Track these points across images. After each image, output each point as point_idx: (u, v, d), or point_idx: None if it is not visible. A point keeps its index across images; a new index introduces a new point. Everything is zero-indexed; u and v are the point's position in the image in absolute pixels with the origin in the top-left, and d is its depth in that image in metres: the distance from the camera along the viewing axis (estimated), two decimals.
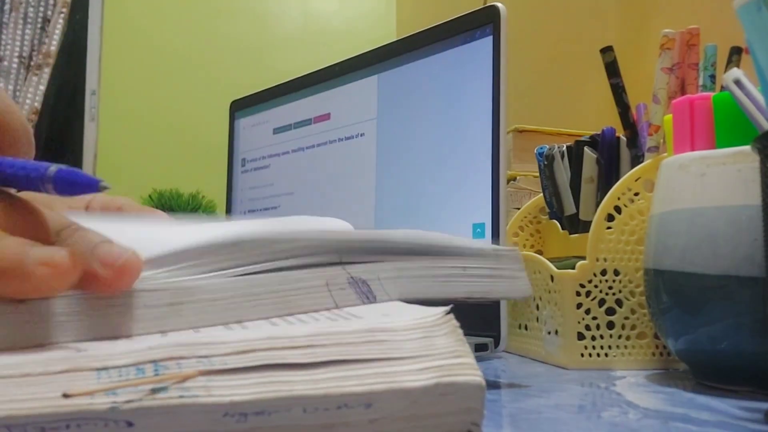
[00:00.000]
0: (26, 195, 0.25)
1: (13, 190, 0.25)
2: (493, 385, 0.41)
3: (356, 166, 0.71)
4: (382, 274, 0.30)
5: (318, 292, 0.28)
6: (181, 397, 0.18)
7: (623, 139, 0.57)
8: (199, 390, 0.19)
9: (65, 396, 0.18)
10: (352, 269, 0.29)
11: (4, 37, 1.99)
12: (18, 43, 1.99)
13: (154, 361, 0.19)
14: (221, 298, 0.26)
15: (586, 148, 0.58)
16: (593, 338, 0.49)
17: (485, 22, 0.59)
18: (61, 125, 2.10)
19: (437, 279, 0.31)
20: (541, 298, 0.54)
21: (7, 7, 1.99)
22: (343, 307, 0.27)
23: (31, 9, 2.00)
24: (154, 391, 0.18)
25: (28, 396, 0.18)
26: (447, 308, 0.22)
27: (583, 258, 0.50)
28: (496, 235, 0.56)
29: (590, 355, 0.49)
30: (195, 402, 0.18)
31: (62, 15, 1.99)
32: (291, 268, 0.27)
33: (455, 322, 0.22)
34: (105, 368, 0.19)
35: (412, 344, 0.21)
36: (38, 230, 0.24)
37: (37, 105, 2.00)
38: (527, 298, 0.35)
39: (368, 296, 0.28)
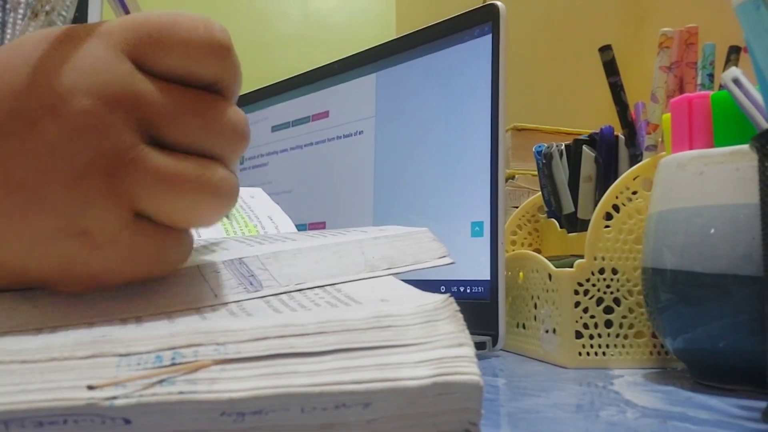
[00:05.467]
0: None
1: None
2: (490, 384, 0.41)
3: (354, 163, 0.71)
4: (261, 255, 0.30)
5: (186, 274, 0.28)
6: (180, 393, 0.18)
7: (622, 137, 0.57)
8: (203, 384, 0.19)
9: (90, 388, 0.18)
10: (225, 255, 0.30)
11: (2, 36, 1.99)
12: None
13: (173, 348, 0.20)
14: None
15: (584, 147, 0.58)
16: (591, 337, 0.49)
17: (484, 20, 0.59)
18: None
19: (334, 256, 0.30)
20: (539, 297, 0.54)
21: (8, 6, 2.00)
22: (226, 296, 0.26)
23: (30, 11, 2.01)
24: (161, 383, 0.19)
25: (42, 386, 0.18)
26: (448, 294, 0.23)
27: (582, 257, 0.50)
28: (494, 234, 0.56)
29: (588, 353, 0.49)
30: (193, 398, 0.19)
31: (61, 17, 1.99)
32: None
33: (456, 306, 0.22)
34: (127, 354, 0.20)
35: (415, 330, 0.21)
36: None
37: None
38: (444, 260, 0.31)
39: (251, 281, 0.28)
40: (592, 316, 0.49)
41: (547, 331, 0.52)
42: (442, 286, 0.59)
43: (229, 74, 0.26)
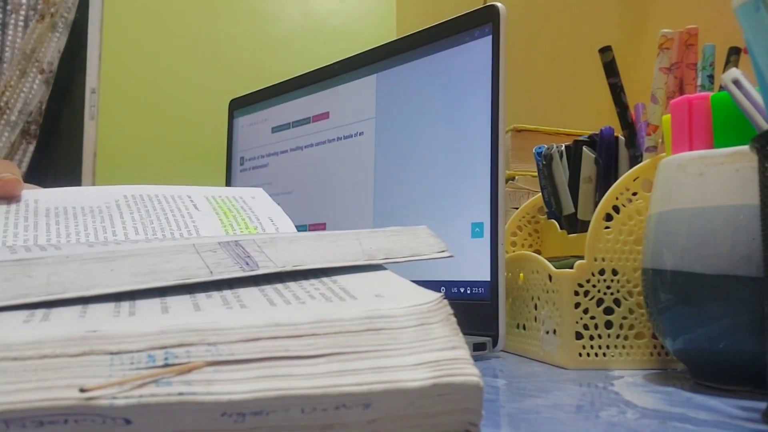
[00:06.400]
0: None
1: None
2: (491, 384, 0.41)
3: (355, 165, 0.71)
4: (258, 239, 0.30)
5: (183, 252, 0.28)
6: (180, 394, 0.18)
7: (622, 138, 0.57)
8: (199, 385, 0.19)
9: (82, 391, 0.18)
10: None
11: (3, 37, 1.99)
12: (19, 43, 1.99)
13: (164, 348, 0.20)
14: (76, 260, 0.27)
15: (584, 148, 0.58)
16: (591, 338, 0.49)
17: (485, 21, 0.60)
18: (62, 123, 2.10)
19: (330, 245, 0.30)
20: (539, 298, 0.54)
21: (9, 8, 2.00)
22: (222, 274, 0.26)
23: (31, 12, 2.01)
24: (158, 384, 0.18)
25: (38, 385, 0.18)
26: (441, 294, 0.23)
27: (582, 258, 0.50)
28: (494, 235, 0.56)
29: (588, 354, 0.49)
30: (193, 399, 0.19)
31: (63, 19, 1.99)
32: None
33: (449, 309, 0.22)
34: (119, 352, 0.19)
35: (408, 333, 0.21)
36: None
37: (38, 103, 2.00)
38: (444, 254, 0.31)
39: (247, 262, 0.28)
40: (593, 317, 0.49)
41: (547, 332, 0.52)
42: (443, 287, 0.59)
43: None
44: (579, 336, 0.49)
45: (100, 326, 0.20)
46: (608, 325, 0.49)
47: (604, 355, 0.49)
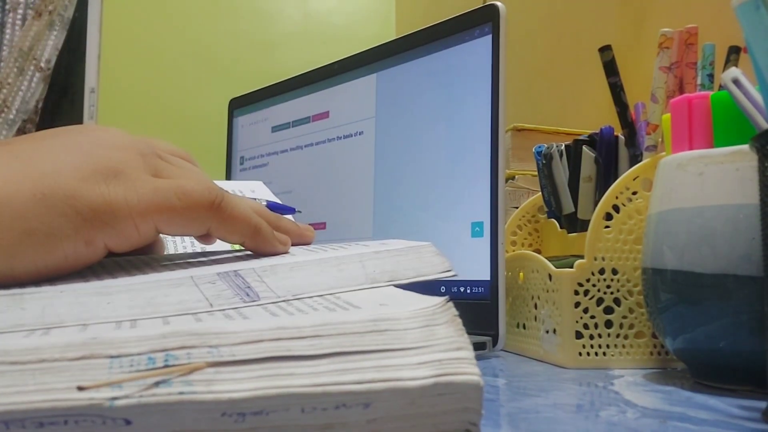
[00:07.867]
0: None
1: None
2: (491, 384, 0.41)
3: (355, 164, 0.71)
4: (258, 268, 0.30)
5: (181, 285, 0.28)
6: (180, 393, 0.18)
7: (621, 138, 0.57)
8: (200, 384, 0.19)
9: (80, 389, 0.18)
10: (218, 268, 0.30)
11: (1, 36, 1.99)
12: (17, 41, 1.99)
13: (165, 350, 0.20)
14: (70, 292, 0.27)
15: (584, 147, 0.58)
16: (591, 337, 0.49)
17: (484, 20, 0.60)
18: (61, 123, 2.10)
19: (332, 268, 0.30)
20: (539, 297, 0.54)
21: (8, 6, 2.00)
22: (222, 306, 0.26)
23: (29, 11, 2.01)
24: (158, 384, 0.18)
25: (37, 387, 0.18)
26: (446, 297, 0.22)
27: (582, 257, 0.50)
28: (494, 234, 0.56)
29: (588, 354, 0.49)
30: (193, 399, 0.18)
31: (60, 17, 1.99)
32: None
33: (455, 311, 0.22)
34: (119, 356, 0.19)
35: (413, 334, 0.21)
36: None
37: (36, 102, 2.00)
38: (449, 273, 0.32)
39: (248, 293, 0.28)
40: (593, 317, 0.49)
41: (547, 332, 0.52)
42: (442, 287, 0.59)
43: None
44: (579, 335, 0.49)
45: (100, 335, 0.20)
46: (608, 324, 0.49)
47: (604, 354, 0.49)
